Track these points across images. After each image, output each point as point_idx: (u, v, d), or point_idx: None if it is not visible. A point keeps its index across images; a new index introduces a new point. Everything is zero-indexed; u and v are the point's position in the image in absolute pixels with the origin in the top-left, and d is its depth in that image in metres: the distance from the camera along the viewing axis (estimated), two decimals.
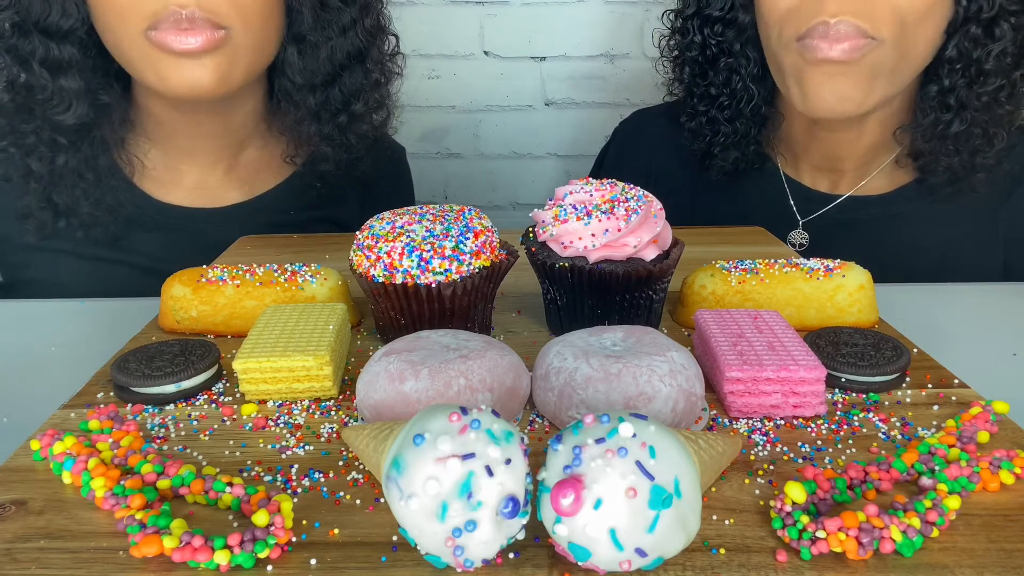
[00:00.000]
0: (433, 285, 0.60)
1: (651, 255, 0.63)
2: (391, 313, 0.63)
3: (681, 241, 0.67)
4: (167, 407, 0.57)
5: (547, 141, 1.56)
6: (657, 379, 0.50)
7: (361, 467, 0.49)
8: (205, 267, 0.72)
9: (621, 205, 0.62)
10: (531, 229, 0.67)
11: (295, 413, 0.56)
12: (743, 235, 0.97)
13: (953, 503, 0.43)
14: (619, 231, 0.61)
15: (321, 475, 0.48)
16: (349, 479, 0.48)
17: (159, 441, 0.52)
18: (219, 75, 0.85)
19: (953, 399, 0.56)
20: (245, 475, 0.48)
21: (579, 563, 0.38)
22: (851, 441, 0.51)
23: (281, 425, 0.54)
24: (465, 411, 0.39)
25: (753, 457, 0.49)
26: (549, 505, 0.37)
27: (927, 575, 0.39)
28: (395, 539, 0.42)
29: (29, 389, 0.66)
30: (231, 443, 0.52)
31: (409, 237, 0.61)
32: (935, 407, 0.55)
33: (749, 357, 0.54)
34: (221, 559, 0.40)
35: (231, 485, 0.45)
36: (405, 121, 1.14)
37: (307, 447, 0.51)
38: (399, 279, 0.60)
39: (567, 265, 0.62)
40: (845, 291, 0.67)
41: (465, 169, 1.58)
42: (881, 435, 0.52)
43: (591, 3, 1.47)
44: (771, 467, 0.48)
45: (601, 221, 0.61)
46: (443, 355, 0.52)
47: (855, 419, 0.53)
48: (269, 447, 0.51)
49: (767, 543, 0.41)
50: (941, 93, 0.90)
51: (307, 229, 1.05)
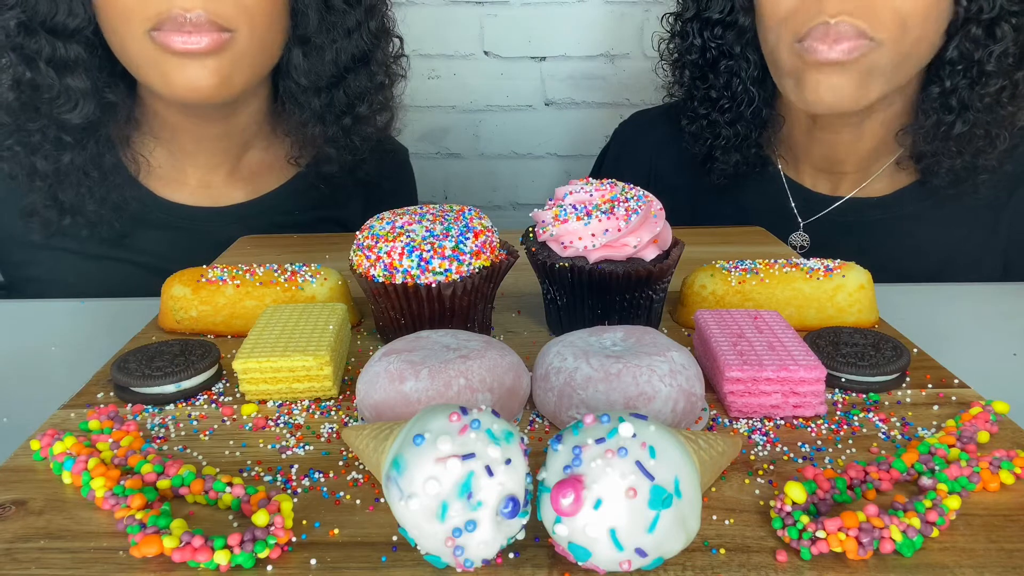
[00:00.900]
0: (433, 285, 0.60)
1: (651, 255, 0.63)
2: (391, 313, 0.63)
3: (681, 241, 0.67)
4: (167, 407, 0.57)
5: (547, 141, 1.56)
6: (657, 379, 0.50)
7: (361, 467, 0.49)
8: (205, 267, 0.72)
9: (621, 205, 0.62)
10: (531, 229, 0.67)
11: (295, 413, 0.56)
12: (743, 235, 0.97)
13: (953, 503, 0.43)
14: (619, 231, 0.61)
15: (321, 475, 0.48)
16: (349, 479, 0.48)
17: (159, 441, 0.52)
18: (220, 78, 0.85)
19: (953, 399, 0.56)
20: (245, 475, 0.48)
21: (579, 563, 0.38)
22: (851, 441, 0.51)
23: (281, 425, 0.54)
24: (465, 411, 0.39)
25: (753, 457, 0.49)
26: (549, 505, 0.37)
27: (927, 575, 0.39)
28: (395, 539, 0.42)
29: (29, 389, 0.66)
30: (231, 443, 0.52)
31: (409, 237, 0.61)
32: (935, 407, 0.55)
33: (749, 357, 0.54)
34: (221, 559, 0.40)
35: (231, 485, 0.45)
36: (405, 122, 1.14)
37: (307, 447, 0.51)
38: (399, 279, 0.60)
39: (567, 265, 0.62)
40: (845, 291, 0.67)
41: (465, 169, 1.58)
42: (881, 435, 0.52)
43: (591, 3, 1.47)
44: (771, 467, 0.48)
45: (601, 221, 0.61)
46: (443, 355, 0.52)
47: (855, 419, 0.53)
48: (269, 447, 0.51)
49: (767, 543, 0.41)
50: (943, 94, 0.90)
51: (310, 229, 1.05)
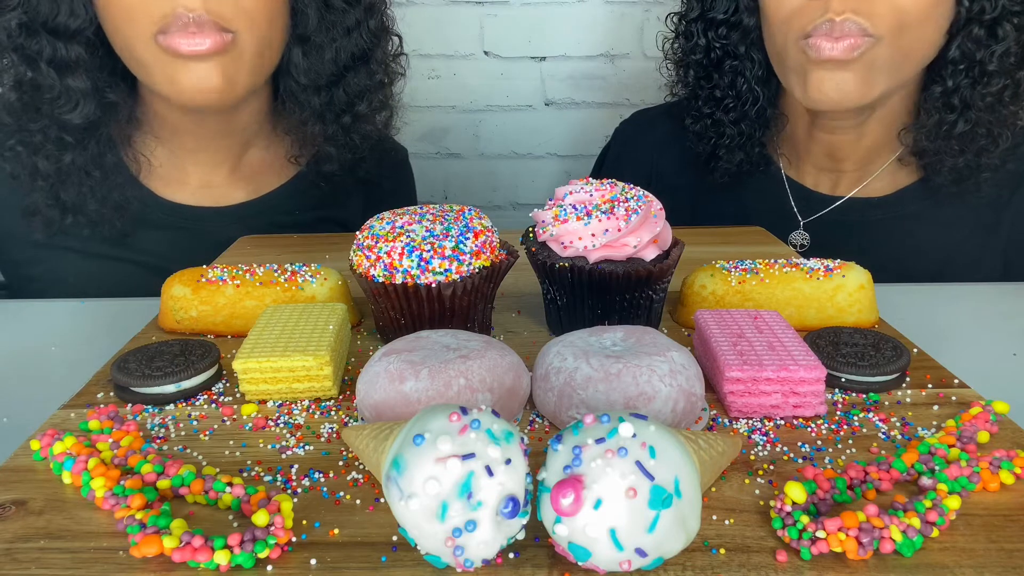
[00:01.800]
0: (433, 285, 0.60)
1: (651, 255, 0.63)
2: (391, 313, 0.63)
3: (681, 241, 0.67)
4: (167, 407, 0.57)
5: (547, 141, 1.56)
6: (657, 379, 0.50)
7: (361, 467, 0.49)
8: (205, 267, 0.72)
9: (621, 205, 0.62)
10: (531, 229, 0.67)
11: (295, 413, 0.56)
12: (743, 235, 0.97)
13: (953, 503, 0.43)
14: (619, 231, 0.61)
15: (321, 475, 0.48)
16: (349, 479, 0.48)
17: (159, 441, 0.52)
18: (225, 79, 0.85)
19: (953, 399, 0.56)
20: (245, 475, 0.48)
21: (579, 563, 0.38)
22: (851, 441, 0.51)
23: (281, 425, 0.54)
24: (465, 411, 0.39)
25: (753, 457, 0.49)
26: (549, 505, 0.37)
27: (927, 575, 0.39)
28: (395, 539, 0.42)
29: (29, 389, 0.66)
30: (231, 443, 0.52)
31: (409, 237, 0.61)
32: (935, 407, 0.55)
33: (749, 357, 0.54)
34: (221, 559, 0.40)
35: (231, 485, 0.45)
36: (406, 121, 1.14)
37: (307, 447, 0.51)
38: (399, 279, 0.60)
39: (567, 265, 0.62)
40: (845, 291, 0.67)
41: (465, 169, 1.58)
42: (881, 435, 0.52)
43: (591, 3, 1.47)
44: (771, 467, 0.48)
45: (601, 221, 0.61)
46: (443, 355, 0.52)
47: (855, 419, 0.53)
48: (269, 447, 0.51)
49: (767, 543, 0.41)
50: (945, 94, 0.90)
51: (311, 229, 1.05)
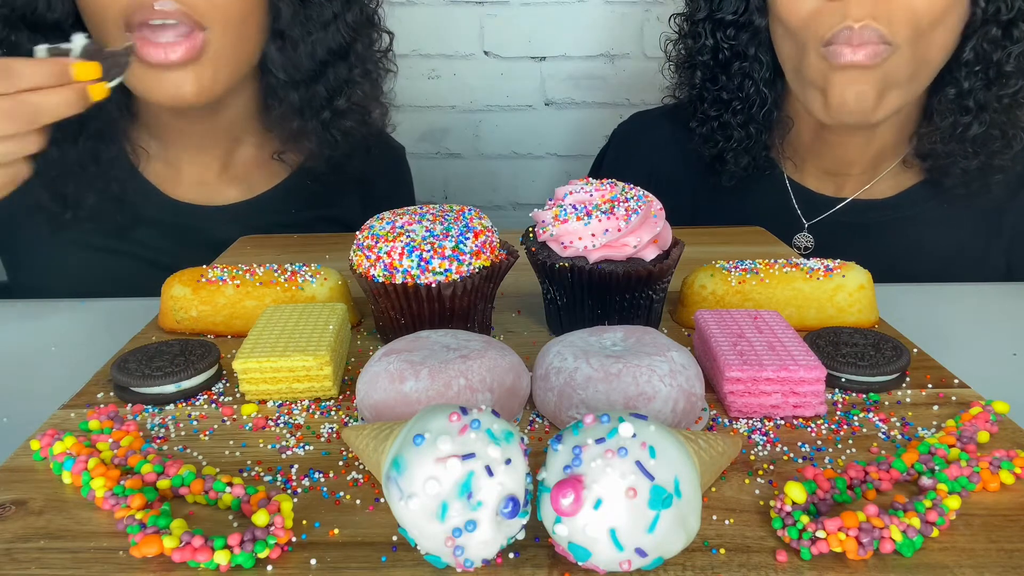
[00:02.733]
0: (433, 285, 0.60)
1: (651, 255, 0.63)
2: (391, 313, 0.63)
3: (681, 241, 0.67)
4: (167, 407, 0.57)
5: (547, 141, 1.56)
6: (657, 379, 0.50)
7: (361, 467, 0.49)
8: (205, 267, 0.72)
9: (621, 205, 0.62)
10: (531, 229, 0.67)
11: (295, 413, 0.56)
12: (743, 235, 0.97)
13: (953, 503, 0.43)
14: (619, 231, 0.61)
15: (321, 475, 0.48)
16: (349, 479, 0.48)
17: (159, 441, 0.52)
18: (200, 85, 0.85)
19: (953, 399, 0.56)
20: (245, 475, 0.48)
21: (579, 563, 0.38)
22: (851, 441, 0.51)
23: (281, 425, 0.54)
24: (465, 411, 0.39)
25: (753, 457, 0.49)
26: (549, 505, 0.37)
27: (927, 575, 0.39)
28: (395, 539, 0.42)
29: (29, 389, 0.66)
30: (231, 443, 0.52)
31: (409, 237, 0.61)
32: (935, 407, 0.55)
33: (749, 357, 0.54)
34: (221, 559, 0.40)
35: (231, 485, 0.45)
36: (405, 121, 1.14)
37: (307, 447, 0.51)
38: (399, 279, 0.60)
39: (567, 265, 0.62)
40: (845, 291, 0.67)
41: (465, 169, 1.58)
42: (881, 435, 0.52)
43: (591, 3, 1.47)
44: (771, 467, 0.48)
45: (601, 221, 0.61)
46: (443, 355, 0.52)
47: (855, 419, 0.53)
48: (269, 447, 0.51)
49: (767, 543, 0.41)
50: (959, 96, 0.89)
51: (309, 228, 1.05)
